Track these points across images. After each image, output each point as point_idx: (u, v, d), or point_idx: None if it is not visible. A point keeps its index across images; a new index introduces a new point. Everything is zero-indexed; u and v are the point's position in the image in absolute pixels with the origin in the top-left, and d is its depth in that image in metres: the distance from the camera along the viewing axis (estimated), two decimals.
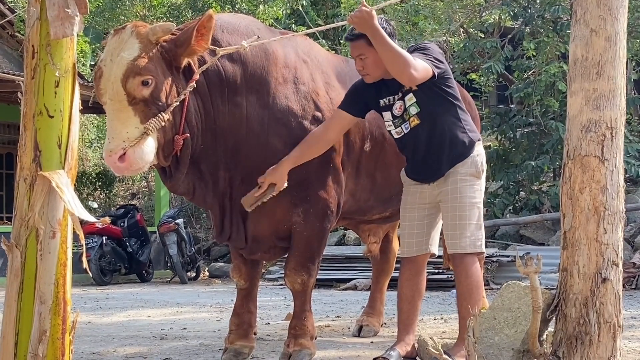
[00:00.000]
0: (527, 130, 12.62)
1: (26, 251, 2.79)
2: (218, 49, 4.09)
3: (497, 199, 12.38)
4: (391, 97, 4.37)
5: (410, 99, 4.29)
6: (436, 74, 4.19)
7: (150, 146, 3.87)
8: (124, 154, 3.78)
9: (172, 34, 4.01)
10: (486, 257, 10.42)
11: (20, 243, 2.79)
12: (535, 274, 3.70)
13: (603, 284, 3.70)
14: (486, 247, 11.83)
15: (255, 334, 4.88)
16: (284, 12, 13.70)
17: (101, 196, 18.27)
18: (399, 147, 4.50)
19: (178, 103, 3.96)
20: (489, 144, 13.70)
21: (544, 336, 3.92)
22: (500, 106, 13.63)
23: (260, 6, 13.30)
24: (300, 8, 13.91)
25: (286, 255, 4.67)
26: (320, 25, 14.19)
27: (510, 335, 3.89)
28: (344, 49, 13.14)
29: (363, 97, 4.42)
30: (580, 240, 3.74)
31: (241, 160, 4.31)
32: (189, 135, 4.07)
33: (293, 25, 14.01)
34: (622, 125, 3.81)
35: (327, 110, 4.54)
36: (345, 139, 4.63)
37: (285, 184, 4.28)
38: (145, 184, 19.11)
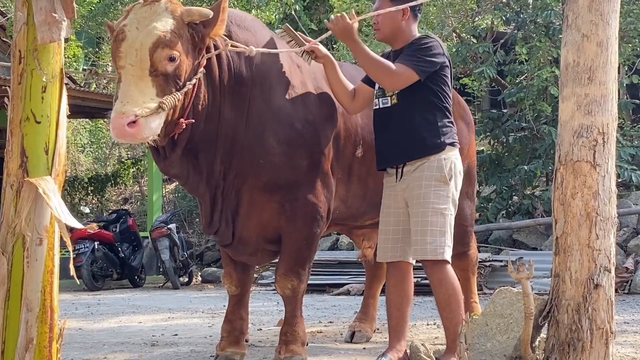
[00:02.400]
0: (519, 134, 12.62)
1: (13, 258, 2.76)
2: (228, 40, 4.16)
3: (490, 204, 12.37)
4: None
5: None
6: (422, 78, 4.27)
7: (159, 121, 3.85)
8: (135, 121, 3.75)
9: None
10: (479, 261, 10.40)
11: (6, 250, 2.77)
12: (527, 279, 3.68)
13: (595, 290, 3.68)
14: (479, 251, 11.82)
15: (247, 340, 4.86)
16: (276, 16, 13.67)
17: (93, 201, 18.20)
18: (373, 124, 4.54)
19: (191, 86, 3.98)
20: (482, 148, 13.70)
21: (537, 342, 3.90)
22: (493, 111, 13.61)
23: (253, 11, 13.29)
24: (293, 13, 13.90)
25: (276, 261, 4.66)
26: (313, 30, 14.20)
27: (502, 342, 3.87)
28: (337, 54, 13.13)
29: None
30: (572, 246, 3.73)
31: (236, 153, 4.32)
32: (194, 120, 4.08)
33: None
34: (614, 130, 3.80)
35: (319, 115, 4.57)
36: (335, 144, 4.64)
37: (314, 53, 4.44)
38: (138, 188, 19.06)
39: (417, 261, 4.45)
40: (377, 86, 4.48)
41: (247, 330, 4.86)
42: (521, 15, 12.46)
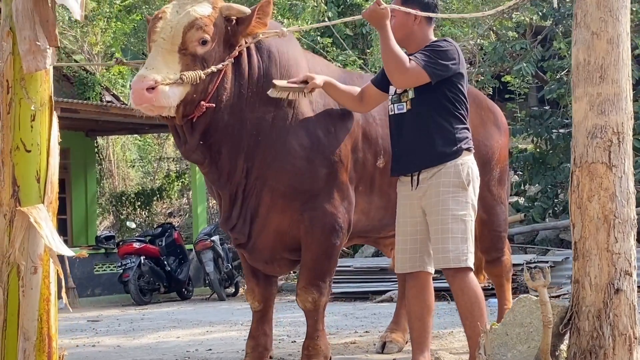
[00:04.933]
0: (563, 131, 12.37)
1: (8, 288, 2.78)
2: (263, 29, 4.28)
3: (535, 203, 12.14)
4: None
5: None
6: (433, 81, 4.16)
7: (178, 93, 4.00)
8: (155, 88, 3.89)
9: None
10: (524, 263, 10.22)
11: (2, 280, 2.78)
12: (544, 287, 3.58)
13: (616, 295, 3.58)
14: (525, 252, 11.68)
15: (271, 357, 4.83)
16: (310, 24, 13.66)
17: (143, 214, 18.35)
18: (389, 131, 4.45)
19: (216, 70, 4.11)
20: (525, 146, 13.48)
21: (559, 351, 3.80)
22: (535, 108, 13.38)
23: (285, 20, 13.31)
24: (327, 20, 13.88)
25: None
26: (349, 36, 14.15)
27: (523, 352, 3.77)
28: (371, 58, 13.08)
29: None
30: (591, 250, 3.63)
31: (259, 153, 4.37)
32: (214, 105, 4.16)
33: (319, 37, 13.97)
34: (630, 129, 3.69)
35: (339, 125, 4.58)
36: (353, 156, 4.60)
37: (313, 91, 4.44)
38: (186, 201, 19.20)
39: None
40: (392, 91, 4.41)
41: (271, 347, 4.82)
42: (560, 10, 12.22)
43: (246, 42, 4.28)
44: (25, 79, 2.79)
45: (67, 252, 2.75)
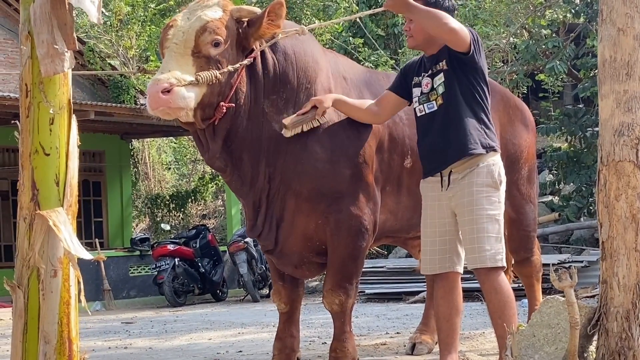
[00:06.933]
0: (597, 129, 12.22)
1: (28, 291, 2.79)
2: (278, 30, 4.24)
3: (569, 202, 12.00)
4: (424, 73, 4.32)
5: (440, 78, 4.22)
6: (470, 50, 4.09)
7: (194, 95, 3.99)
8: (170, 90, 3.89)
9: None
10: (558, 263, 10.10)
11: (22, 283, 2.79)
12: (571, 288, 3.52)
13: None
14: (560, 252, 11.55)
15: (298, 358, 4.80)
16: (343, 25, 13.68)
17: (179, 216, 18.45)
18: (417, 131, 4.37)
19: (232, 69, 4.10)
20: (559, 145, 13.34)
21: (588, 352, 3.74)
22: (569, 106, 13.23)
23: (317, 21, 13.32)
24: (359, 20, 13.86)
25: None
26: (380, 36, 14.10)
27: (550, 353, 3.72)
28: (403, 58, 13.01)
29: (407, 77, 4.43)
30: (619, 250, 3.58)
31: (280, 157, 4.33)
32: (234, 105, 4.15)
33: (351, 38, 13.94)
34: None
35: (363, 126, 4.51)
36: (379, 156, 4.56)
37: (325, 114, 4.30)
38: (221, 203, 19.29)
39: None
40: (418, 92, 4.34)
41: (298, 348, 4.80)
42: (593, 7, 12.08)
43: (261, 45, 4.25)
44: (43, 83, 2.79)
45: (86, 255, 2.75)
